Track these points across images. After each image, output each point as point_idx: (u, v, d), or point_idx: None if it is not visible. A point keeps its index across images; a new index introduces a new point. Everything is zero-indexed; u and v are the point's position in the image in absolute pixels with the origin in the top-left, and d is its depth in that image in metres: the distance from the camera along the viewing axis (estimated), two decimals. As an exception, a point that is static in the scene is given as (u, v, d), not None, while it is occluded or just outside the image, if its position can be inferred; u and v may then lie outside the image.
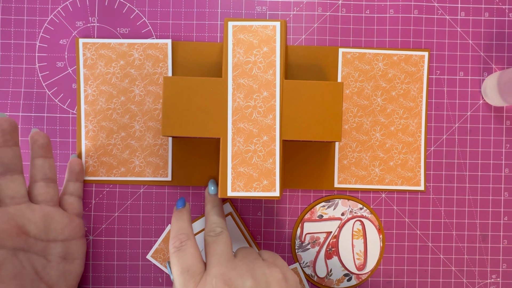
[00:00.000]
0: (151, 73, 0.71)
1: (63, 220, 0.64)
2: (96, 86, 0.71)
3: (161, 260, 0.72)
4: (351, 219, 0.72)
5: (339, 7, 0.72)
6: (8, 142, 0.59)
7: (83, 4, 0.72)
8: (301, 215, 0.72)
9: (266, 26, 0.62)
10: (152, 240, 0.72)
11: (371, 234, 0.72)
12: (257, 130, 0.61)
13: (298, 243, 0.72)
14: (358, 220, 0.72)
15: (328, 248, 0.72)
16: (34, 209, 0.61)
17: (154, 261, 0.72)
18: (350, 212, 0.72)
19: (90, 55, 0.71)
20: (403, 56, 0.71)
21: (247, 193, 0.61)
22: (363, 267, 0.72)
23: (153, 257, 0.72)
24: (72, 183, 0.68)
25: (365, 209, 0.72)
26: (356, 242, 0.72)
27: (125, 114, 0.71)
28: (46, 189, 0.63)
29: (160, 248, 0.72)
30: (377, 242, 0.72)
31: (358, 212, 0.72)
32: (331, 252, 0.72)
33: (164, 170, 0.71)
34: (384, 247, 0.73)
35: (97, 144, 0.71)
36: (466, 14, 0.72)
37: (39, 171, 0.63)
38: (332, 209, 0.72)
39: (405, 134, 0.71)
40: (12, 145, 0.60)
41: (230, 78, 0.61)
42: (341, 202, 0.72)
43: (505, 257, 0.73)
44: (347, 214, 0.72)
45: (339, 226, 0.72)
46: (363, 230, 0.72)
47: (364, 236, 0.72)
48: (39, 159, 0.64)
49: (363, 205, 0.72)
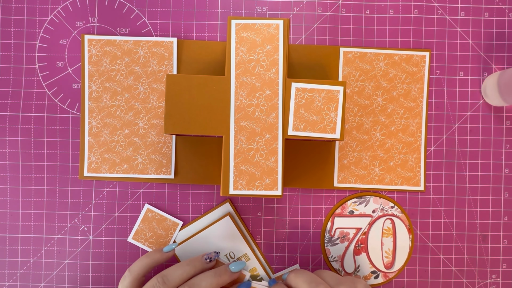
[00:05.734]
0: (156, 71, 0.71)
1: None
2: (100, 83, 0.71)
3: (143, 240, 0.71)
4: (381, 217, 0.72)
5: (339, 7, 0.72)
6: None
7: (83, 4, 0.72)
8: (333, 210, 0.72)
9: (269, 24, 0.62)
10: (152, 240, 0.72)
11: (401, 233, 0.72)
12: (259, 129, 0.61)
13: (327, 237, 0.72)
14: (389, 219, 0.72)
15: (357, 244, 0.72)
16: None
17: (136, 243, 0.71)
18: (381, 210, 0.72)
19: (95, 51, 0.71)
20: (404, 56, 0.71)
21: (249, 192, 0.61)
22: (391, 266, 0.72)
23: (135, 239, 0.71)
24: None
25: (396, 208, 0.72)
26: (385, 240, 0.72)
27: (129, 111, 0.71)
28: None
29: (140, 229, 0.72)
30: (407, 242, 0.72)
31: (389, 211, 0.72)
32: (360, 249, 0.72)
33: (167, 168, 0.71)
34: (413, 247, 0.73)
35: (100, 141, 0.71)
36: (466, 14, 0.72)
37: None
38: (363, 206, 0.72)
39: (405, 134, 0.72)
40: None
41: (233, 76, 0.61)
42: (372, 200, 0.72)
43: (505, 257, 0.73)
44: (378, 212, 0.72)
45: (369, 223, 0.72)
46: (393, 228, 0.72)
47: (393, 235, 0.72)
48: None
49: (394, 204, 0.72)
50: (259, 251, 0.72)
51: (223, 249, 0.71)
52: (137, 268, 0.64)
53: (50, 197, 0.72)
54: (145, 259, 0.65)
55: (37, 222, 0.72)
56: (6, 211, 0.72)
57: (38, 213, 0.72)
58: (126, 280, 0.63)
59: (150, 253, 0.66)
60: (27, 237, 0.72)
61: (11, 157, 0.72)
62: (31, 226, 0.72)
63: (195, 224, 0.72)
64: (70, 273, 0.72)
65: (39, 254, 0.72)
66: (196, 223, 0.72)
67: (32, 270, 0.72)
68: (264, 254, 0.72)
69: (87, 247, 0.72)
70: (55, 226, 0.72)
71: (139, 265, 0.64)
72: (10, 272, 0.72)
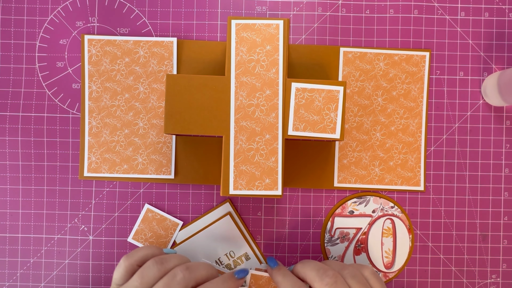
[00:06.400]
0: (156, 71, 0.71)
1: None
2: (100, 83, 0.71)
3: (143, 240, 0.71)
4: (381, 217, 0.72)
5: (339, 7, 0.72)
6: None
7: (83, 4, 0.72)
8: (333, 210, 0.72)
9: (269, 24, 0.62)
10: (152, 240, 0.72)
11: (401, 233, 0.72)
12: (259, 129, 0.61)
13: (327, 237, 0.72)
14: (389, 219, 0.72)
15: (357, 244, 0.72)
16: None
17: (136, 243, 0.71)
18: (381, 210, 0.72)
19: (95, 51, 0.71)
20: (404, 56, 0.71)
21: (249, 192, 0.61)
22: (391, 266, 0.72)
23: (135, 239, 0.71)
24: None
25: (396, 208, 0.72)
26: (385, 240, 0.72)
27: (129, 111, 0.71)
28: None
29: (140, 229, 0.72)
30: (407, 242, 0.72)
31: (389, 211, 0.72)
32: (360, 249, 0.72)
33: (167, 168, 0.71)
34: (413, 247, 0.73)
35: (100, 141, 0.71)
36: (466, 14, 0.72)
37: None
38: (363, 206, 0.72)
39: (405, 134, 0.72)
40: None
41: (233, 76, 0.61)
42: (372, 200, 0.72)
43: (505, 257, 0.73)
44: (378, 212, 0.72)
45: (369, 223, 0.72)
46: (393, 228, 0.72)
47: (394, 235, 0.72)
48: None
49: (394, 204, 0.72)
50: (259, 251, 0.72)
51: (223, 248, 0.71)
52: (136, 257, 0.62)
53: (50, 197, 0.72)
54: (146, 250, 0.63)
55: (37, 222, 0.72)
56: (6, 211, 0.72)
57: (38, 213, 0.72)
58: (121, 267, 0.61)
59: (152, 247, 0.64)
60: (27, 237, 0.72)
61: (11, 157, 0.72)
62: (31, 226, 0.72)
63: (195, 224, 0.72)
64: (70, 273, 0.72)
65: (39, 254, 0.72)
66: (196, 223, 0.72)
67: (32, 270, 0.72)
68: (264, 254, 0.72)
69: (87, 247, 0.72)
70: (55, 226, 0.72)
71: (139, 255, 0.62)
72: (10, 272, 0.72)
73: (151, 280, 0.58)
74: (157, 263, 0.59)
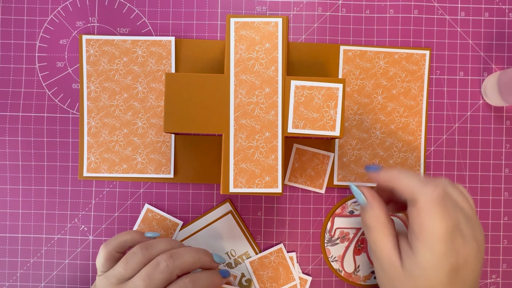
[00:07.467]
0: (154, 70, 0.71)
1: None
2: (99, 83, 0.71)
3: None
4: None
5: (339, 7, 0.72)
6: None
7: (83, 4, 0.72)
8: (332, 209, 0.72)
9: (268, 22, 0.62)
10: (152, 240, 0.72)
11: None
12: (259, 127, 0.61)
13: (327, 237, 0.72)
14: None
15: (357, 244, 0.72)
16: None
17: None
18: None
19: (94, 51, 0.71)
20: (404, 55, 0.71)
21: (249, 190, 0.61)
22: None
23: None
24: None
25: None
26: None
27: (128, 110, 0.71)
28: None
29: (140, 229, 0.72)
30: None
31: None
32: (360, 249, 0.72)
33: (167, 167, 0.71)
34: None
35: (99, 141, 0.71)
36: (466, 14, 0.73)
37: None
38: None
39: (405, 133, 0.72)
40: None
41: (232, 74, 0.61)
42: None
43: (505, 257, 0.73)
44: None
45: None
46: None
47: None
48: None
49: None
50: (259, 251, 0.72)
51: (224, 246, 0.71)
52: (114, 244, 0.61)
53: (50, 197, 0.72)
54: (125, 236, 0.62)
55: (37, 222, 0.72)
56: (6, 211, 0.72)
57: (38, 213, 0.72)
58: (100, 256, 0.60)
59: (132, 232, 0.63)
60: (27, 237, 0.72)
61: (11, 157, 0.72)
62: (31, 226, 0.72)
63: (195, 224, 0.72)
64: (70, 273, 0.72)
65: (39, 254, 0.72)
66: (196, 223, 0.72)
67: (32, 270, 0.72)
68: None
69: (87, 247, 0.72)
70: (55, 226, 0.72)
71: (117, 241, 0.62)
72: (10, 272, 0.72)
73: (135, 266, 0.58)
74: (142, 248, 0.59)
